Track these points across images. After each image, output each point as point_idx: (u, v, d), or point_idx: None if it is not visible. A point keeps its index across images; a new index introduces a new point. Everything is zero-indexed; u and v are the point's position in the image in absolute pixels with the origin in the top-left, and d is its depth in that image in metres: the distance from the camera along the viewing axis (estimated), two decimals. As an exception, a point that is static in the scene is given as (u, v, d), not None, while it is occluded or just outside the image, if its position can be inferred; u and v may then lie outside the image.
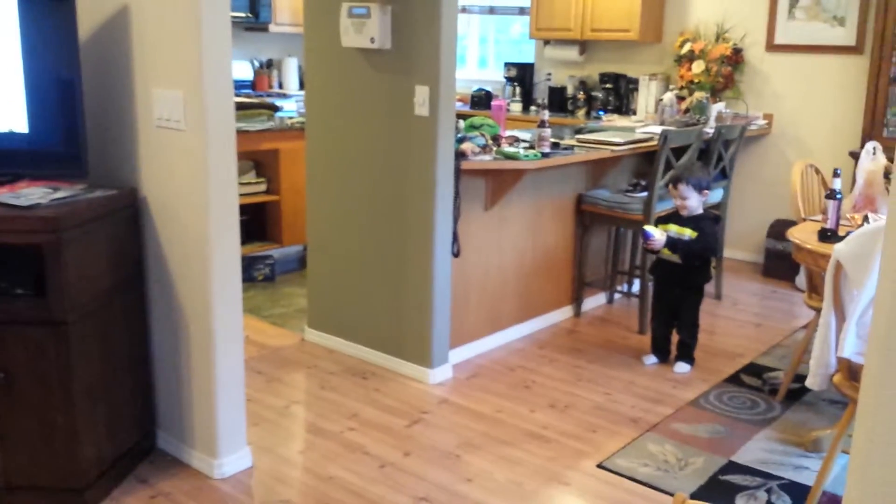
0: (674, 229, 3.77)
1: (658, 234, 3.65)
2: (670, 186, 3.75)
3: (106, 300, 2.62)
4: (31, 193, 2.50)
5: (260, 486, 2.81)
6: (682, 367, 3.85)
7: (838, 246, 2.57)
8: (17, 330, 2.43)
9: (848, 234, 2.76)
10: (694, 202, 3.75)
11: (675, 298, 3.88)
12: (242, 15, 6.89)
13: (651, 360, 3.95)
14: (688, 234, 3.73)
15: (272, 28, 7.23)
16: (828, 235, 3.11)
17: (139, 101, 2.71)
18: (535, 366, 3.93)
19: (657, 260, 3.87)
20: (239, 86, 6.77)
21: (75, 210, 2.44)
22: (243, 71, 7.30)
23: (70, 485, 2.54)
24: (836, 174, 3.21)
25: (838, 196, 3.13)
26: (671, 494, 2.79)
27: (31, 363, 2.45)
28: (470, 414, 3.39)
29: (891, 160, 3.57)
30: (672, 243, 3.69)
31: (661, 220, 3.85)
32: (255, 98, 6.37)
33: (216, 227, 2.64)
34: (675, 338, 3.95)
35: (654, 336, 4.00)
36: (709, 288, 4.11)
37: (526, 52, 7.17)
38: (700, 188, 3.75)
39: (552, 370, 3.88)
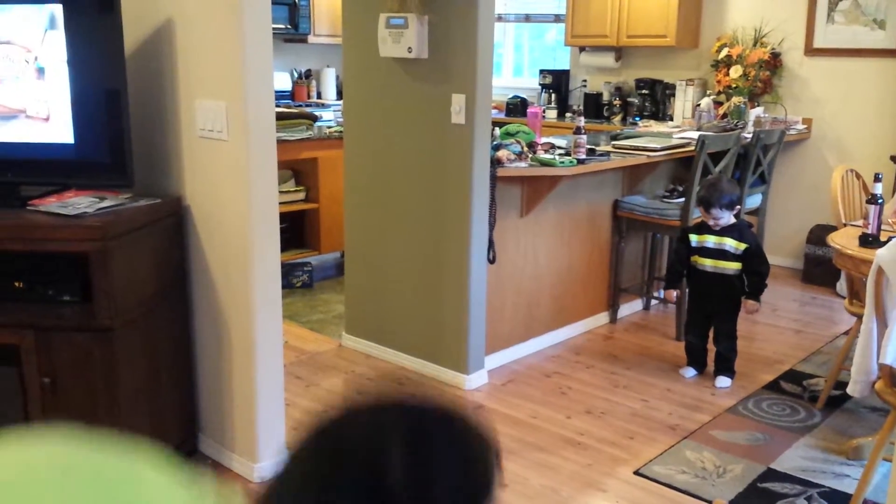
0: (712, 240, 3.72)
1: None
2: (701, 209, 3.68)
3: (150, 307, 2.68)
4: (78, 203, 2.57)
5: (299, 489, 2.85)
6: (724, 382, 3.78)
7: (880, 251, 2.54)
8: (63, 336, 2.50)
9: (889, 239, 2.73)
10: (727, 219, 3.69)
11: (712, 310, 3.82)
12: (282, 27, 6.99)
13: (690, 372, 3.89)
14: (729, 243, 3.67)
15: (311, 39, 7.32)
16: (869, 241, 3.07)
17: (183, 112, 2.78)
18: (571, 372, 3.92)
19: (694, 270, 3.81)
20: (279, 96, 6.85)
21: (121, 219, 2.51)
22: (283, 81, 7.40)
23: (115, 487, 2.60)
24: (877, 179, 3.17)
25: (879, 201, 3.09)
26: (709, 502, 2.77)
27: (76, 368, 2.51)
28: (505, 419, 3.40)
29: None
30: (758, 287, 3.69)
31: (695, 231, 3.80)
32: (294, 108, 6.46)
33: (257, 235, 2.69)
34: (710, 347, 3.90)
35: (689, 348, 3.94)
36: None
37: (561, 59, 7.17)
38: (732, 206, 3.67)
39: (588, 376, 3.87)
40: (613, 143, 4.56)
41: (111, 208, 2.56)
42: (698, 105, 5.67)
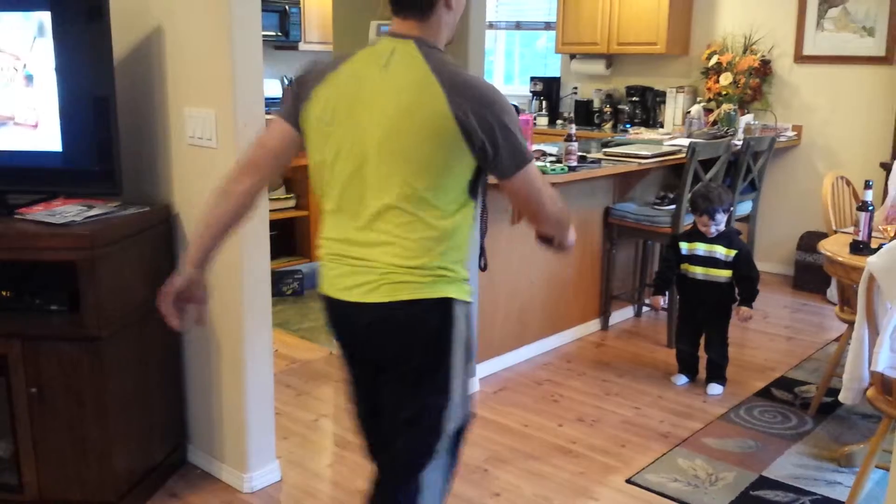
0: (702, 247, 3.72)
1: None
2: (704, 218, 3.67)
3: (139, 315, 2.66)
4: (66, 211, 2.55)
5: (289, 499, 2.83)
6: (716, 389, 3.78)
7: (871, 259, 2.55)
8: (51, 345, 2.47)
9: (880, 246, 2.73)
10: (723, 224, 3.71)
11: (703, 317, 3.83)
12: (272, 34, 6.98)
13: (681, 380, 3.89)
14: (719, 251, 3.68)
15: (301, 46, 7.31)
16: (860, 248, 3.08)
17: (172, 120, 2.76)
18: (563, 379, 3.91)
19: (684, 278, 3.81)
20: (269, 103, 6.82)
21: (109, 227, 2.49)
22: (273, 88, 7.38)
23: (102, 498, 2.58)
24: (867, 186, 3.17)
25: (870, 208, 3.10)
26: (702, 510, 2.77)
27: (64, 378, 2.49)
28: (497, 428, 3.39)
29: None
30: (750, 293, 3.68)
31: (685, 238, 3.80)
32: (284, 115, 6.42)
33: (247, 243, 2.67)
34: (702, 354, 3.90)
35: (680, 356, 3.94)
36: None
37: (552, 67, 7.19)
38: (729, 209, 3.72)
39: (580, 384, 3.86)
40: (604, 150, 4.56)
41: (99, 217, 2.54)
42: (688, 112, 5.68)
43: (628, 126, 6.35)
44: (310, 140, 1.88)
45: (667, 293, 3.98)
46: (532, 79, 7.05)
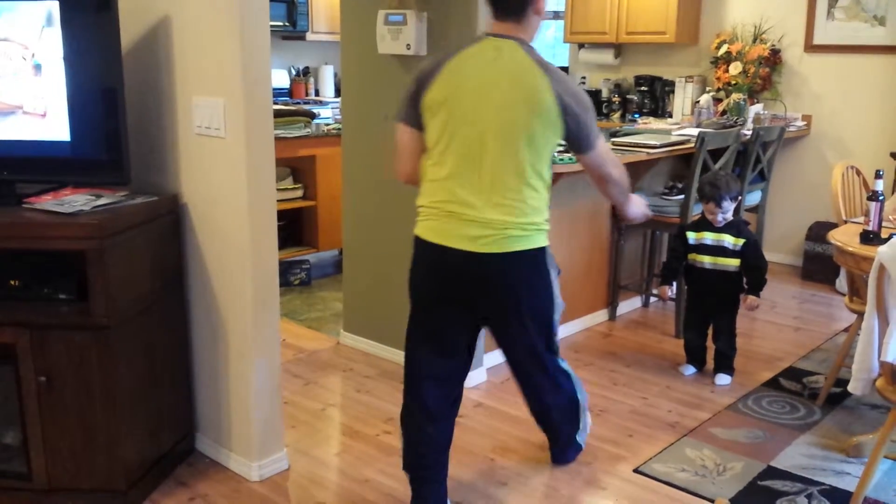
0: (710, 237, 3.71)
1: None
2: (711, 205, 3.67)
3: (147, 305, 2.67)
4: (75, 200, 2.56)
5: (296, 488, 2.84)
6: (724, 380, 3.77)
7: (882, 248, 2.53)
8: (59, 334, 2.48)
9: (891, 236, 2.72)
10: (731, 213, 3.69)
11: (711, 307, 3.82)
12: (280, 24, 6.98)
13: (689, 370, 3.89)
14: (727, 240, 3.66)
15: (309, 36, 7.31)
16: (870, 238, 3.06)
17: (180, 109, 2.76)
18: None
19: (692, 268, 3.80)
20: (276, 93, 6.85)
21: (117, 216, 2.49)
22: (281, 79, 7.39)
23: (110, 486, 2.59)
24: (878, 175, 3.15)
25: (881, 198, 3.08)
26: (710, 500, 2.76)
27: (73, 367, 2.50)
28: (505, 418, 3.39)
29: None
30: (758, 283, 3.67)
31: (693, 228, 3.79)
32: (292, 105, 6.44)
33: (254, 233, 2.67)
34: (709, 344, 3.89)
35: (688, 346, 3.93)
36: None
37: (560, 56, 7.16)
38: (736, 198, 3.70)
39: (587, 374, 3.86)
40: (613, 139, 4.54)
41: (108, 206, 2.55)
42: (697, 102, 5.66)
43: (637, 116, 6.32)
44: (428, 120, 2.32)
45: (674, 283, 3.97)
46: (540, 68, 7.00)
